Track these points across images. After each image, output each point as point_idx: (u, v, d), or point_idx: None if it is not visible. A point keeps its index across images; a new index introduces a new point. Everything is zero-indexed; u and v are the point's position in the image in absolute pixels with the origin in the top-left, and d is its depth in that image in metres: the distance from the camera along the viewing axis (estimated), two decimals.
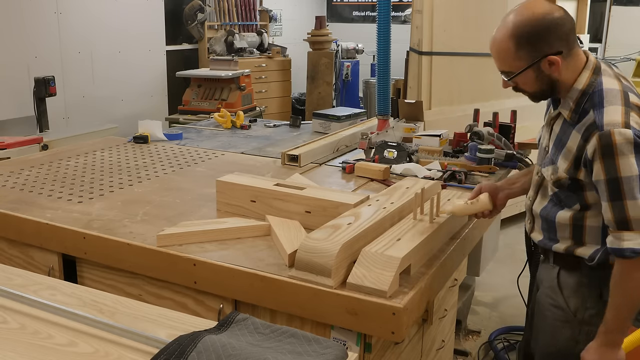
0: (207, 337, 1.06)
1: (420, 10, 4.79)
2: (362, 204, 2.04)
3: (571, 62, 1.71)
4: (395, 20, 5.76)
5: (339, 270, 1.67)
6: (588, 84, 1.71)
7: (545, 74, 1.70)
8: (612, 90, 1.69)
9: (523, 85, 1.76)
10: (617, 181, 1.61)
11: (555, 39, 1.66)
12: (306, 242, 1.71)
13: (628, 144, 1.59)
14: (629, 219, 1.62)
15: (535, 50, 1.67)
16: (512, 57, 1.70)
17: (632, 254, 1.62)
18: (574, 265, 1.85)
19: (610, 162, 1.61)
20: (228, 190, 2.25)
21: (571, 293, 1.86)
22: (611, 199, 1.63)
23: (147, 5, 6.65)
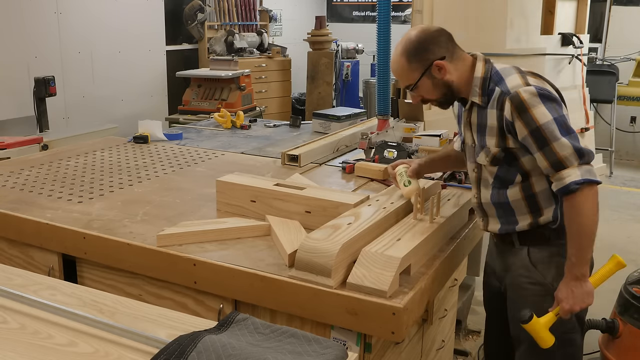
0: (207, 337, 1.06)
1: (420, 10, 4.78)
2: (362, 204, 2.04)
3: (458, 63, 1.95)
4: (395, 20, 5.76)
5: (339, 270, 1.67)
6: (485, 70, 1.94)
7: (438, 78, 1.93)
8: (504, 68, 1.93)
9: (426, 94, 1.98)
10: (538, 130, 1.79)
11: (436, 48, 1.93)
12: (306, 242, 1.71)
13: (534, 96, 1.80)
14: (560, 158, 1.77)
15: (422, 60, 1.92)
16: (407, 71, 1.95)
17: (575, 185, 1.76)
18: (541, 239, 1.96)
19: (526, 116, 1.80)
20: (228, 190, 2.25)
21: (545, 266, 1.96)
22: (540, 148, 1.80)
23: (147, 5, 6.65)
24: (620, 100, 7.19)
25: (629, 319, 2.56)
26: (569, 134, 1.78)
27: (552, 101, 1.82)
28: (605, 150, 6.73)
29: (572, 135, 1.79)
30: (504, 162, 1.92)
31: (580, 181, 1.75)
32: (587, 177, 1.76)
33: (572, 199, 1.78)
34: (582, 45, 5.67)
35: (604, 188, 6.32)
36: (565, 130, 1.79)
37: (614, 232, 5.06)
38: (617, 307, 2.66)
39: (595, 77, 6.82)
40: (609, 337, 2.66)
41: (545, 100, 1.80)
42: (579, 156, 1.77)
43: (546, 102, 1.80)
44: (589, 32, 6.21)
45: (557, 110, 1.81)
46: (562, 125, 1.79)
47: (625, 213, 5.59)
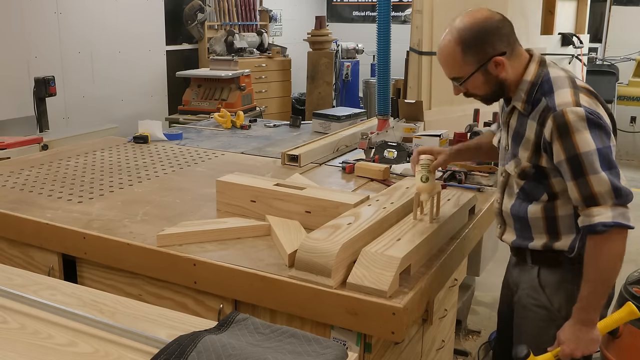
0: (207, 337, 1.06)
1: (420, 10, 4.79)
2: (362, 204, 2.04)
3: (516, 61, 1.78)
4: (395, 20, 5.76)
5: (339, 270, 1.67)
6: (536, 75, 1.77)
7: (493, 75, 1.76)
8: (559, 77, 1.76)
9: (473, 89, 1.82)
10: (576, 158, 1.64)
11: (497, 41, 1.74)
12: (306, 242, 1.71)
13: (581, 120, 1.64)
14: (594, 193, 1.63)
15: (480, 53, 1.74)
16: (460, 62, 1.76)
17: (603, 227, 1.63)
18: (554, 262, 1.84)
19: (567, 140, 1.65)
20: (228, 190, 2.25)
21: (554, 291, 1.86)
22: (574, 177, 1.66)
23: (147, 5, 6.65)
24: (620, 100, 7.19)
25: None
26: (610, 169, 1.63)
27: (599, 129, 1.64)
28: None
29: (613, 171, 1.63)
30: (532, 178, 1.80)
31: (610, 224, 1.61)
32: (619, 220, 1.62)
33: (597, 240, 1.65)
34: (582, 45, 5.67)
35: None
36: (607, 165, 1.63)
37: None
38: (617, 307, 2.66)
39: (595, 77, 6.82)
40: (609, 337, 2.66)
41: (592, 127, 1.63)
42: (615, 196, 1.62)
43: (592, 129, 1.63)
44: (589, 32, 6.21)
45: (603, 140, 1.64)
46: (605, 157, 1.63)
47: None
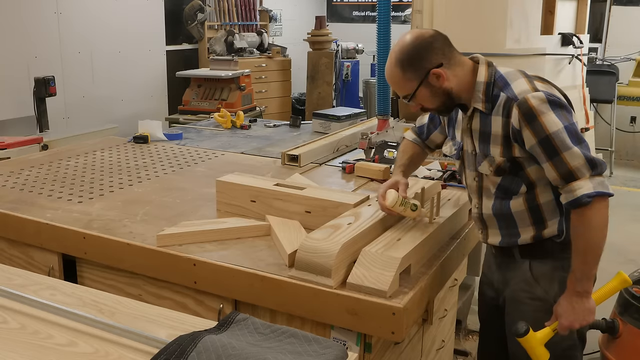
0: (207, 337, 1.06)
1: (420, 10, 4.78)
2: (362, 204, 2.04)
3: (457, 69, 1.84)
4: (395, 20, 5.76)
5: (339, 270, 1.67)
6: (488, 75, 1.83)
7: (437, 87, 1.82)
8: (509, 71, 1.83)
9: (425, 103, 1.87)
10: (547, 139, 1.69)
11: (431, 55, 1.80)
12: (306, 242, 1.71)
13: (544, 103, 1.71)
14: (571, 169, 1.68)
15: (418, 69, 1.81)
16: (403, 81, 1.84)
17: (587, 198, 1.67)
18: (544, 253, 1.88)
19: (535, 124, 1.70)
20: (228, 190, 2.25)
21: (548, 281, 1.88)
22: (549, 158, 1.71)
23: (147, 5, 6.65)
24: (620, 100, 7.19)
25: (629, 319, 2.56)
26: (580, 143, 1.69)
27: (561, 108, 1.72)
28: (605, 150, 6.73)
29: (583, 144, 1.70)
30: (508, 172, 1.83)
31: (593, 194, 1.66)
32: (600, 189, 1.67)
33: (583, 213, 1.69)
34: (582, 45, 5.66)
35: None
36: (577, 139, 1.69)
37: (614, 232, 5.04)
38: (617, 307, 2.66)
39: (595, 77, 6.82)
40: (609, 337, 2.66)
41: (555, 107, 1.71)
42: (591, 167, 1.67)
43: (556, 109, 1.71)
44: (589, 32, 6.20)
45: (567, 117, 1.72)
46: (573, 133, 1.69)
47: (625, 213, 5.59)
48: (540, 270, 1.89)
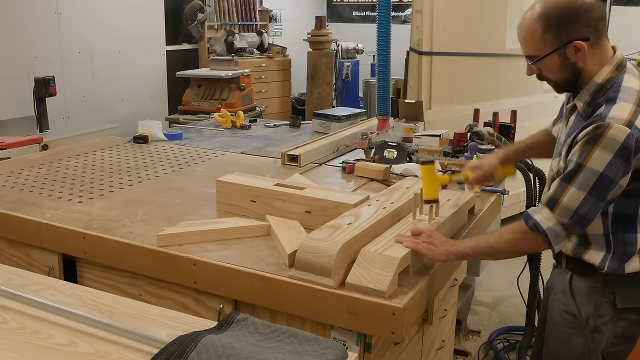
0: (207, 337, 1.06)
1: (420, 10, 4.79)
2: (362, 204, 2.04)
3: (597, 53, 1.66)
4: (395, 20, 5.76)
5: (339, 271, 1.67)
6: (608, 79, 1.66)
7: (571, 61, 1.65)
8: (630, 88, 1.63)
9: (547, 72, 1.71)
10: (579, 167, 1.57)
11: (583, 25, 1.61)
12: (306, 242, 1.71)
13: (615, 142, 1.53)
14: (559, 202, 1.59)
15: (561, 34, 1.62)
16: (538, 40, 1.65)
17: (533, 226, 1.62)
18: (587, 270, 1.78)
19: (587, 149, 1.56)
20: (228, 190, 2.25)
21: (584, 299, 1.80)
22: (563, 179, 1.61)
23: (147, 5, 6.65)
24: None
25: None
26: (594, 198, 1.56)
27: (624, 160, 1.54)
28: None
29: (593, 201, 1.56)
30: None
31: (541, 229, 1.61)
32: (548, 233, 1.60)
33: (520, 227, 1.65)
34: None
35: None
36: (597, 194, 1.55)
37: None
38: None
39: None
40: None
41: (619, 156, 1.53)
42: (570, 217, 1.58)
43: (617, 158, 1.53)
44: None
45: (616, 171, 1.54)
46: (599, 186, 1.55)
47: None
48: (578, 286, 1.81)
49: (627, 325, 1.77)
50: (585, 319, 1.79)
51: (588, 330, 1.79)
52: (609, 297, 1.75)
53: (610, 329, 1.76)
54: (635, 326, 1.78)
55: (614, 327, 1.76)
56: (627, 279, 1.73)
